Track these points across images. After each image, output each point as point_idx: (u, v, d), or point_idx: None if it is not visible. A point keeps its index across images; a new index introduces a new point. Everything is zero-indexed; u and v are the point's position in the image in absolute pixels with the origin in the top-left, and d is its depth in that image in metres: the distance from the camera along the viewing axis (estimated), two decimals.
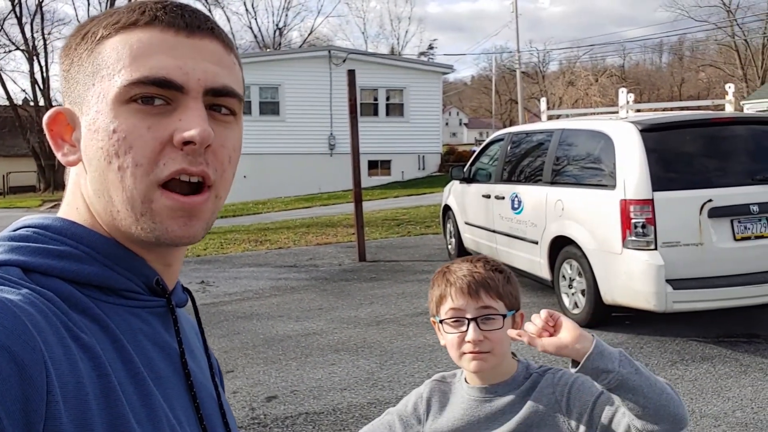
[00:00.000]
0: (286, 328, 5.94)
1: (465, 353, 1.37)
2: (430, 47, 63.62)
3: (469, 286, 1.37)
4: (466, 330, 1.36)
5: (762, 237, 5.16)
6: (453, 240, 8.89)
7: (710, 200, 5.04)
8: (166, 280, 0.77)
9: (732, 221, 5.10)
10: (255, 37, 46.76)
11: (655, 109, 7.71)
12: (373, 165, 23.45)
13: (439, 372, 1.59)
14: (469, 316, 1.37)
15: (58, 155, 0.75)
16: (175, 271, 0.80)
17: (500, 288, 1.40)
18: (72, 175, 0.76)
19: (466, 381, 1.48)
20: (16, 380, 0.54)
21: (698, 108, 8.47)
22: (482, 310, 1.38)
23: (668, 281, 4.92)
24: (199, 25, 0.72)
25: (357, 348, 5.31)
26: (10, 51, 39.71)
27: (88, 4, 38.18)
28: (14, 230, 0.72)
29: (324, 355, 5.17)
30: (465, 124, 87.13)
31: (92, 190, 0.72)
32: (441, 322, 1.41)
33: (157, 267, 0.76)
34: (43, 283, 0.65)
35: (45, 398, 0.56)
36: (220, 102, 0.72)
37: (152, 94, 0.68)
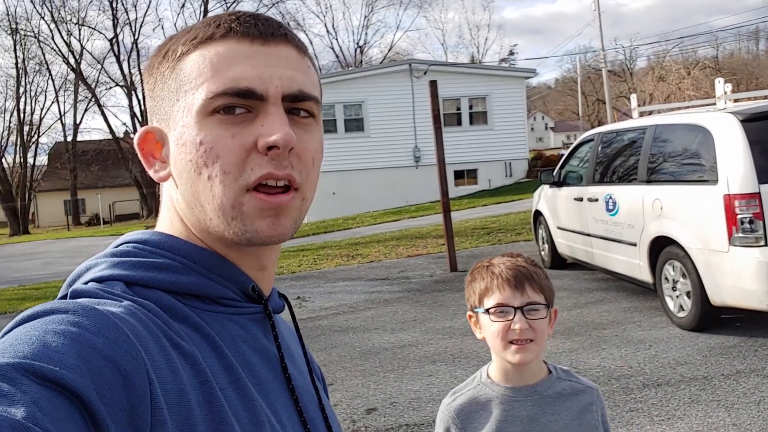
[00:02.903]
0: (382, 341, 5.98)
1: (511, 343, 1.41)
2: (511, 53, 62.50)
3: (516, 278, 1.43)
4: (512, 319, 1.41)
5: None
6: (546, 246, 8.70)
7: None
8: (261, 285, 0.79)
9: None
10: (336, 56, 47.54)
11: (756, 98, 7.29)
12: (459, 175, 23.37)
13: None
14: (516, 304, 1.41)
15: (150, 172, 0.77)
16: (270, 276, 0.81)
17: (542, 282, 1.45)
18: (165, 191, 0.79)
19: (494, 382, 1.49)
20: (120, 389, 0.55)
21: None
22: (527, 301, 1.43)
23: None
24: (273, 33, 0.73)
25: (454, 358, 5.27)
26: (110, 87, 42.41)
27: None
28: (116, 246, 0.75)
29: (421, 366, 5.17)
30: (551, 128, 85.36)
31: (184, 202, 0.74)
32: (486, 311, 1.45)
33: (251, 272, 0.77)
34: (145, 295, 0.68)
35: (150, 405, 0.57)
36: (299, 106, 0.73)
37: (234, 104, 0.70)
